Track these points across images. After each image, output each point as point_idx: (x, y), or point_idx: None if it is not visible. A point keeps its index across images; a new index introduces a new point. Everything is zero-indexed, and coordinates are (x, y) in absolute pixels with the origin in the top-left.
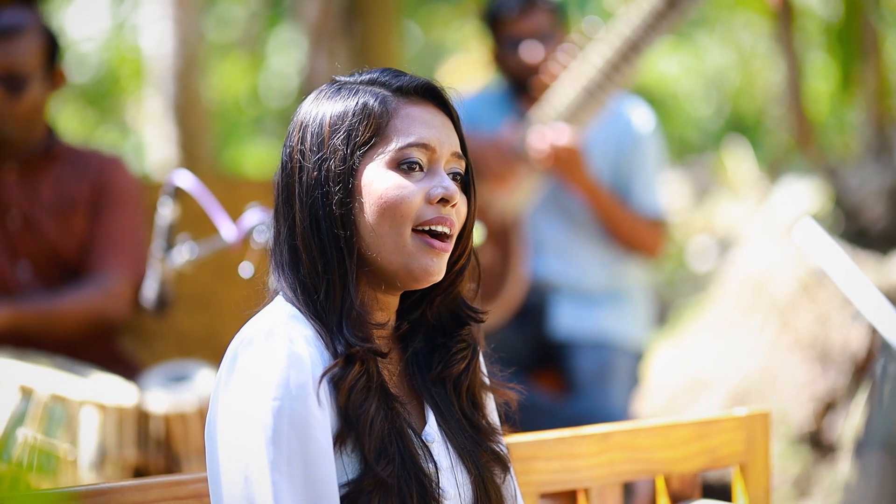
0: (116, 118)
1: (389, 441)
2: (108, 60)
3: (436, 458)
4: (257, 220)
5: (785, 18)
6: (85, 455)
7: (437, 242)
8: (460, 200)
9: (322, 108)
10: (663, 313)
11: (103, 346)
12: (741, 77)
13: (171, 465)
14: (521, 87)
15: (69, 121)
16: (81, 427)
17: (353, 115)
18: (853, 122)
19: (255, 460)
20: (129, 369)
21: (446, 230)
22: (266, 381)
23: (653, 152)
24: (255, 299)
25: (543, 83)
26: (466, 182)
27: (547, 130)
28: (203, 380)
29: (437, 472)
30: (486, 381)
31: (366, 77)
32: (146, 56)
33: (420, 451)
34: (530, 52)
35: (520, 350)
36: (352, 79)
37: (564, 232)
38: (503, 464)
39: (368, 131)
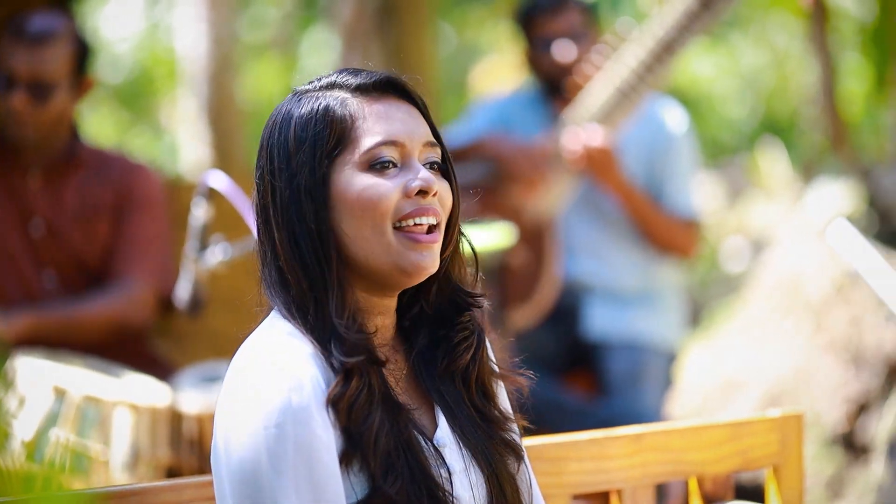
0: (150, 119)
1: (397, 455)
2: (142, 61)
3: (448, 462)
4: None
5: (818, 19)
6: (118, 455)
7: (421, 236)
8: (441, 188)
9: (285, 123)
10: (696, 314)
11: (136, 347)
12: (775, 78)
13: (204, 465)
14: (554, 88)
15: (103, 122)
16: (114, 427)
17: (316, 123)
18: (887, 123)
19: (261, 489)
20: (162, 370)
21: (431, 220)
22: (267, 407)
23: (686, 153)
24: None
25: (577, 84)
26: (445, 169)
27: (580, 131)
28: None
29: (451, 477)
30: (496, 368)
31: (324, 82)
32: (180, 57)
33: (431, 460)
34: (563, 51)
35: (553, 351)
36: (311, 86)
37: (598, 233)
38: (516, 453)
39: (333, 138)
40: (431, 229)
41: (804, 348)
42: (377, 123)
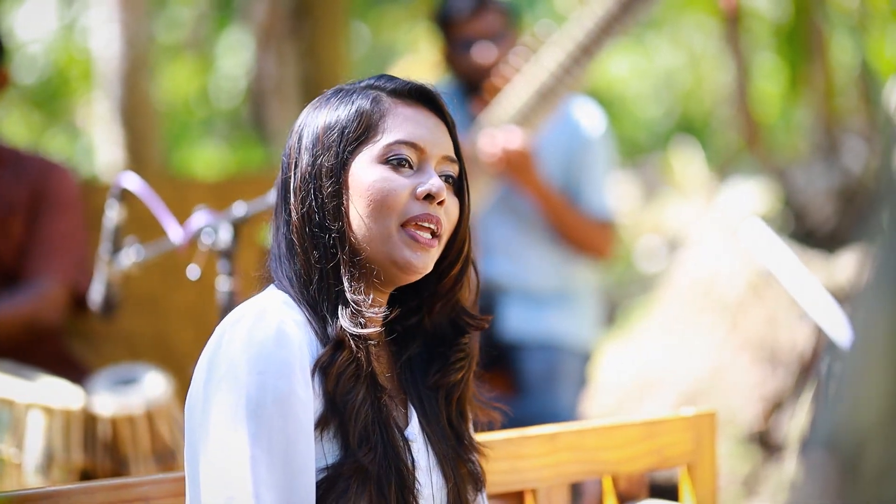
0: (66, 120)
1: (373, 429)
2: (56, 62)
3: (415, 455)
4: (204, 222)
5: (733, 20)
6: (31, 458)
7: (421, 236)
8: (450, 201)
9: (319, 111)
10: (612, 314)
11: (50, 350)
12: (691, 78)
13: (118, 467)
14: (473, 89)
15: (17, 124)
16: (28, 430)
17: (347, 113)
18: (801, 122)
19: (236, 432)
20: (76, 372)
21: (432, 227)
22: (252, 356)
23: (603, 154)
24: (205, 301)
25: (495, 86)
26: (460, 186)
27: (498, 133)
28: (150, 382)
29: (415, 469)
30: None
31: (364, 83)
32: (94, 58)
33: (402, 444)
34: (482, 52)
35: None
36: (351, 85)
37: (514, 234)
38: (477, 482)
39: (360, 128)
40: (433, 235)
41: (719, 347)
42: (403, 124)
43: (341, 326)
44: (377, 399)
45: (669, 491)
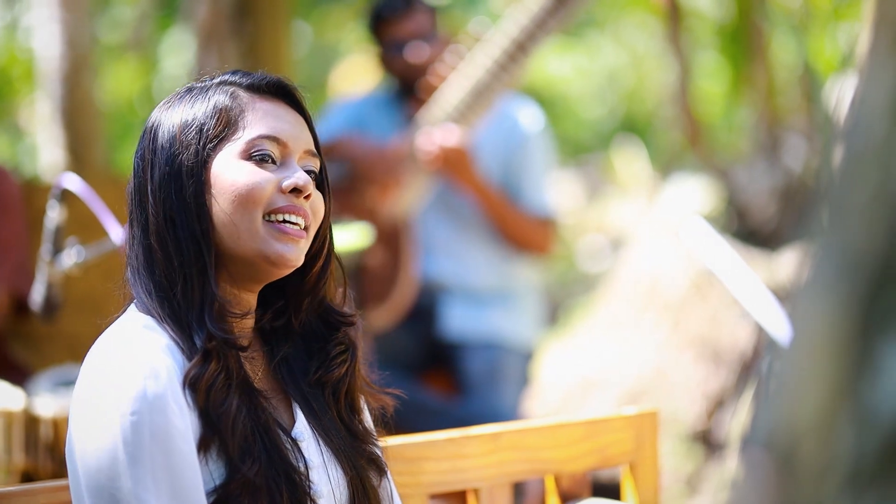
0: (8, 121)
1: (254, 439)
2: None
3: (306, 455)
4: None
5: (673, 19)
6: None
7: (289, 227)
8: (315, 196)
9: (173, 109)
10: (554, 313)
11: None
12: (634, 78)
13: (60, 469)
14: (409, 89)
15: None
16: None
17: (205, 111)
18: (744, 122)
19: (118, 478)
20: (18, 374)
21: (300, 221)
22: (123, 396)
23: (541, 151)
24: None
25: (431, 84)
26: (321, 181)
27: (435, 131)
28: None
29: (308, 469)
30: (365, 385)
31: (217, 79)
32: (36, 58)
33: (289, 447)
34: (414, 52)
35: (411, 351)
36: (202, 83)
37: (454, 232)
38: (379, 468)
39: (220, 125)
40: (300, 231)
41: (662, 346)
42: (264, 118)
43: (209, 335)
44: (254, 405)
45: (612, 490)
